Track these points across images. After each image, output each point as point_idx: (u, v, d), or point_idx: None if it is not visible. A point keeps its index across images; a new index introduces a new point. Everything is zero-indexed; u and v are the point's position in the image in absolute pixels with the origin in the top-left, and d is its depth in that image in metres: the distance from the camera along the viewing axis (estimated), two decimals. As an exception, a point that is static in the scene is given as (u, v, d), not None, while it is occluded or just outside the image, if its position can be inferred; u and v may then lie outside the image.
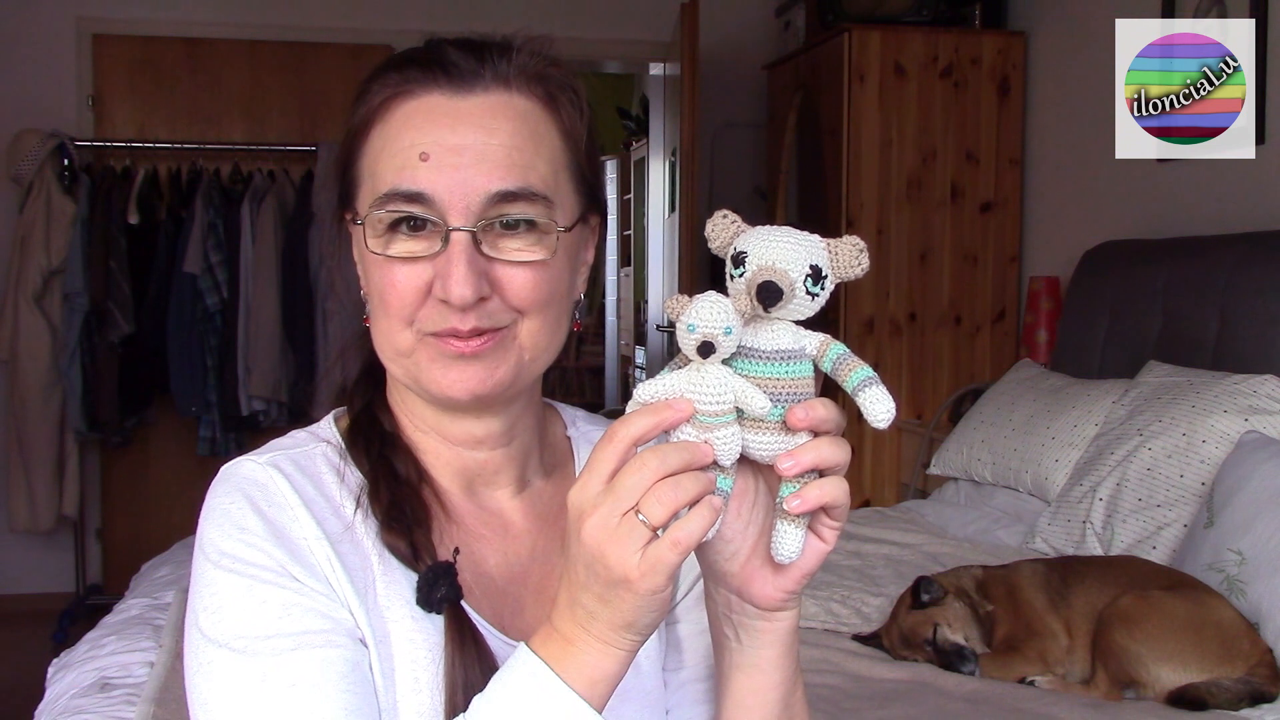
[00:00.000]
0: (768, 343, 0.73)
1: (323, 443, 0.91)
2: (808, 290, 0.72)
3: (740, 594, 0.80)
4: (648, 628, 0.73)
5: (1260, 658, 1.93)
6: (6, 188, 4.55)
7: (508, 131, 0.85)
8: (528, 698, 0.74)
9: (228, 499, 0.85)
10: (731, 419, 0.72)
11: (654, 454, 0.70)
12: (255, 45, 4.83)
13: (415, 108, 0.86)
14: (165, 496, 4.70)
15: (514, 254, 0.85)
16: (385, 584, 0.86)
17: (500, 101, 0.86)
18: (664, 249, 5.53)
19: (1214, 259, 2.87)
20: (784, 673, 0.84)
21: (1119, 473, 2.62)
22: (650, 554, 0.69)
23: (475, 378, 0.85)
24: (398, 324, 0.86)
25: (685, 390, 0.72)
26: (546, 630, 0.76)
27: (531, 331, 0.87)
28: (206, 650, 0.81)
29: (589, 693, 0.74)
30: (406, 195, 0.83)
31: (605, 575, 0.71)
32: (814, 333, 0.75)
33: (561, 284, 0.88)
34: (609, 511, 0.70)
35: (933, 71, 3.96)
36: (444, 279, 0.83)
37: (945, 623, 2.09)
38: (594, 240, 0.95)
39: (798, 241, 0.73)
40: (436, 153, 0.83)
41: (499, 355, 0.86)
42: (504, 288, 0.85)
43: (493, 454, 0.93)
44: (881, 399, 0.72)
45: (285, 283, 4.57)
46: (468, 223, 0.83)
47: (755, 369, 0.73)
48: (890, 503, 3.73)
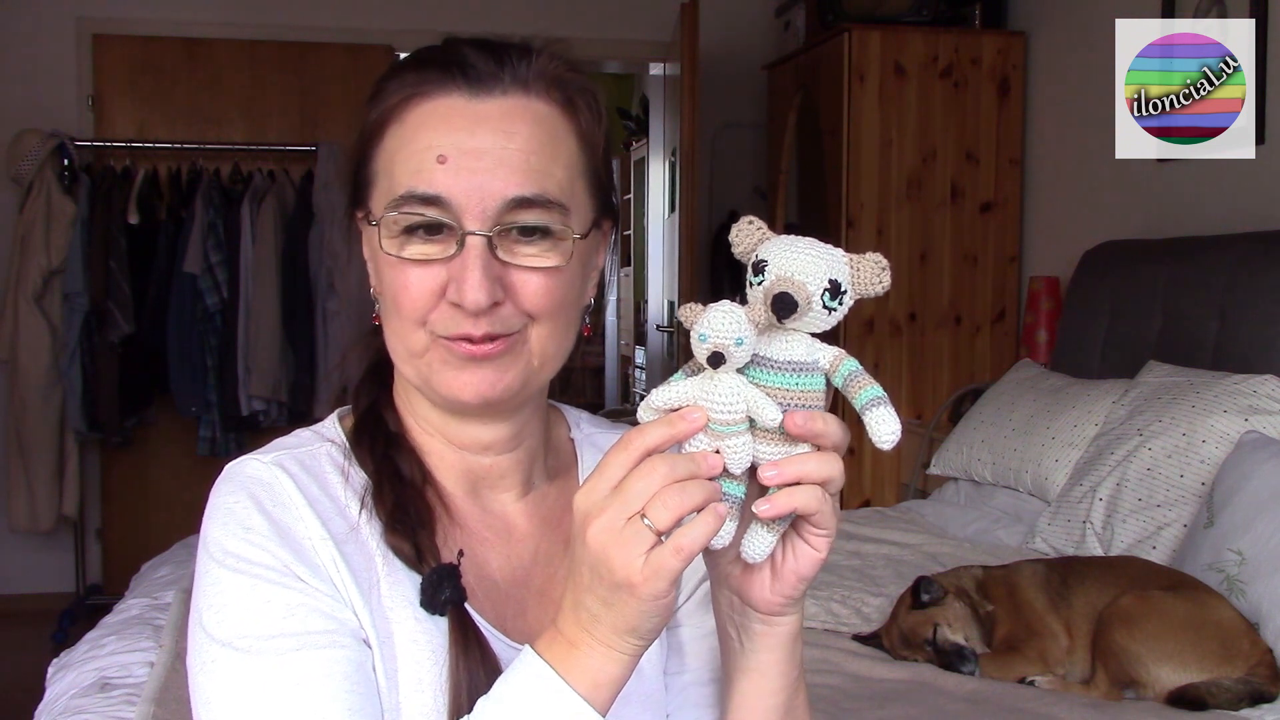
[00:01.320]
0: (781, 353, 0.73)
1: (327, 442, 0.91)
2: (825, 304, 0.72)
3: (741, 597, 0.81)
4: (651, 632, 0.73)
5: (1260, 658, 1.93)
6: (6, 188, 4.55)
7: (525, 135, 0.84)
8: (533, 700, 0.74)
9: (232, 498, 0.85)
10: (743, 428, 0.72)
11: (663, 460, 0.71)
12: (255, 45, 4.82)
13: (432, 109, 0.85)
14: (165, 496, 4.70)
15: (529, 260, 0.84)
16: (389, 584, 0.86)
17: (519, 105, 0.85)
18: (664, 249, 5.54)
19: (1214, 259, 2.87)
20: (785, 678, 0.84)
21: (1119, 473, 2.62)
22: (653, 559, 0.70)
23: (485, 381, 0.85)
24: (410, 325, 0.85)
25: (698, 398, 0.72)
26: (552, 633, 0.76)
27: (541, 337, 0.87)
28: (210, 649, 0.81)
29: (593, 696, 0.74)
30: (423, 198, 0.83)
31: (609, 579, 0.71)
32: (829, 346, 0.74)
33: (573, 290, 0.88)
34: (615, 515, 0.70)
35: (933, 71, 3.96)
36: (459, 283, 0.82)
37: (945, 623, 2.09)
38: (606, 245, 0.95)
39: (819, 254, 0.72)
40: (454, 156, 0.83)
41: (509, 360, 0.86)
42: (517, 293, 0.84)
43: (499, 459, 0.93)
44: (888, 420, 0.72)
45: (285, 283, 4.57)
46: (483, 227, 0.83)
47: (767, 378, 0.73)
48: (890, 503, 3.73)
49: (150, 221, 4.57)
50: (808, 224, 4.46)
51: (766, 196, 4.81)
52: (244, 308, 4.55)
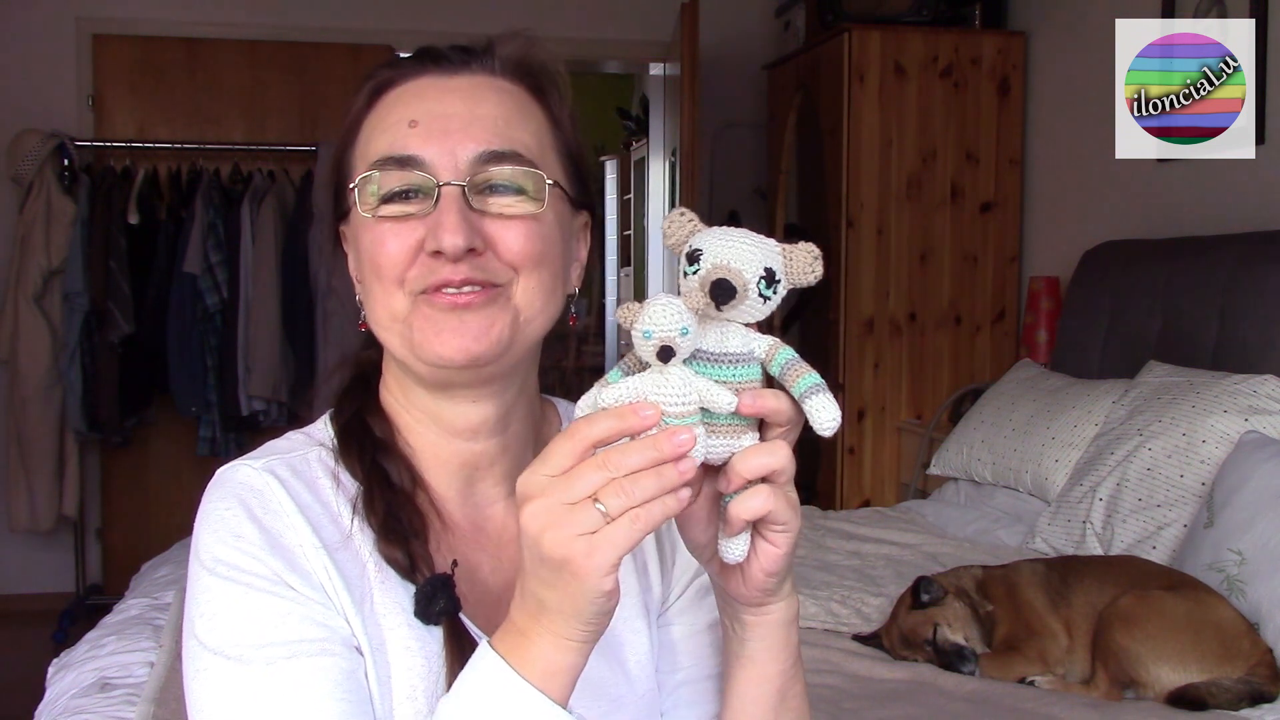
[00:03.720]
0: (716, 345, 0.73)
1: (318, 445, 0.91)
2: (760, 293, 0.72)
3: (726, 590, 0.82)
4: (594, 618, 0.72)
5: (1260, 658, 1.93)
6: (6, 188, 4.55)
7: (494, 103, 0.87)
8: (487, 692, 0.74)
9: (223, 505, 0.84)
10: (696, 420, 0.71)
11: (619, 452, 0.70)
12: (255, 45, 4.82)
13: (404, 90, 0.88)
14: (165, 496, 4.70)
15: (504, 209, 0.85)
16: (381, 592, 0.85)
17: (486, 81, 0.89)
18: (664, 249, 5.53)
19: (1214, 259, 2.87)
20: (779, 665, 0.84)
21: (1119, 473, 2.62)
22: (599, 536, 0.69)
23: (470, 334, 0.84)
24: (391, 287, 0.85)
25: (650, 393, 0.71)
26: (506, 625, 0.75)
27: (527, 290, 0.86)
28: (202, 657, 0.81)
29: (545, 684, 0.73)
30: (398, 159, 0.84)
31: (546, 559, 0.70)
32: (764, 335, 0.74)
33: (554, 245, 0.88)
34: (554, 500, 0.69)
35: (933, 71, 3.96)
36: (435, 231, 0.83)
37: (945, 623, 2.09)
38: (585, 238, 0.96)
39: (753, 243, 0.73)
40: (425, 120, 0.85)
41: (493, 312, 0.85)
42: (496, 243, 0.85)
43: (488, 444, 0.92)
44: (827, 406, 0.71)
45: (285, 283, 4.57)
46: (457, 179, 0.84)
47: (705, 371, 0.73)
48: (890, 503, 3.73)
49: (150, 221, 4.57)
50: (808, 224, 4.46)
51: (766, 196, 4.81)
52: (244, 308, 4.55)
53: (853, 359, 3.96)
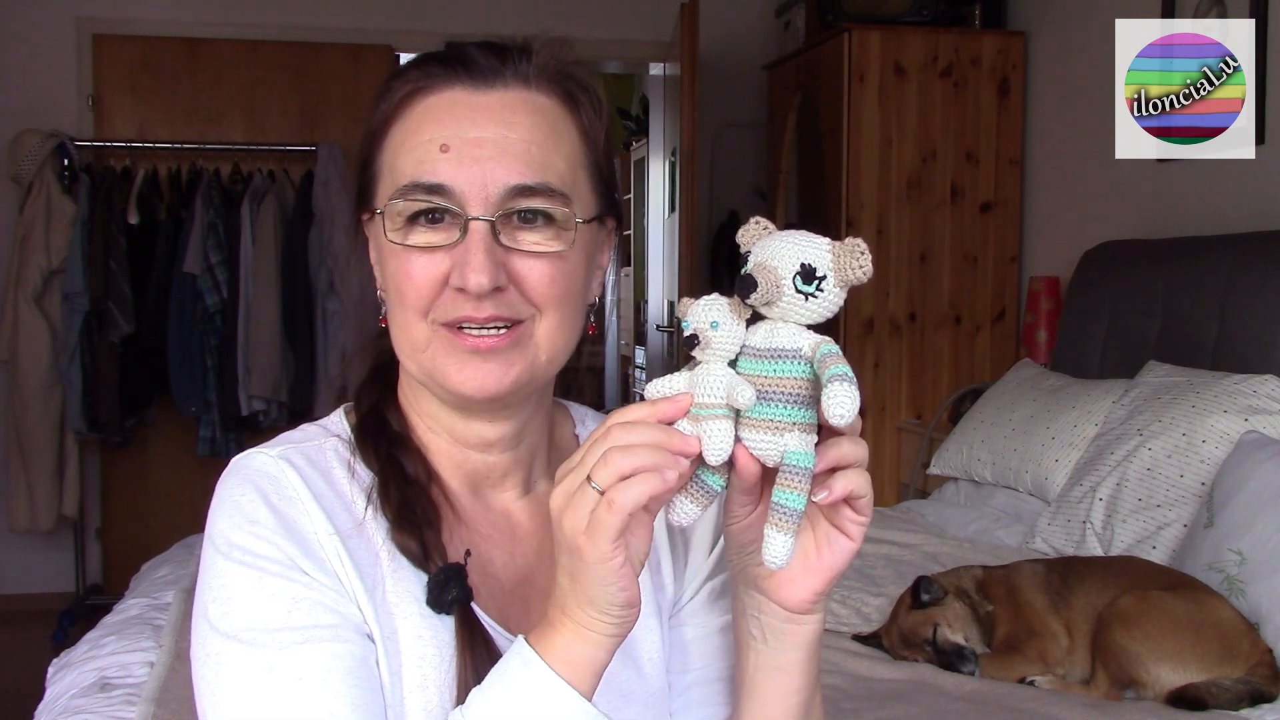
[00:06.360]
0: (763, 341, 0.74)
1: (333, 437, 0.91)
2: (798, 289, 0.72)
3: (770, 596, 0.81)
4: (610, 606, 0.74)
5: (1260, 658, 1.93)
6: (6, 188, 4.55)
7: (527, 126, 0.85)
8: (515, 681, 0.76)
9: (239, 490, 0.85)
10: (723, 413, 0.73)
11: (620, 426, 0.72)
12: (255, 45, 4.82)
13: (435, 102, 0.86)
14: (165, 496, 4.70)
15: (532, 245, 0.85)
16: (394, 581, 0.86)
17: (520, 97, 0.87)
18: (664, 249, 5.53)
19: (1214, 259, 2.87)
20: (808, 676, 0.86)
21: (1119, 473, 2.62)
22: (592, 517, 0.71)
23: (491, 375, 0.85)
24: (414, 316, 0.85)
25: (685, 386, 0.75)
26: (541, 619, 0.78)
27: (549, 330, 0.86)
28: (214, 641, 0.81)
29: (570, 675, 0.74)
30: (427, 187, 0.84)
31: (565, 544, 0.72)
32: (813, 334, 0.75)
33: (578, 281, 0.88)
34: (570, 481, 0.73)
35: (932, 71, 3.96)
36: (461, 267, 0.83)
37: (945, 623, 2.09)
38: (610, 244, 0.96)
39: (796, 241, 0.73)
40: (456, 145, 0.84)
41: (515, 354, 0.86)
42: (522, 280, 0.85)
43: (501, 457, 0.93)
44: (845, 396, 0.69)
45: (285, 283, 4.57)
46: (486, 213, 0.83)
47: (750, 366, 0.75)
48: (890, 503, 3.72)
49: (150, 221, 4.57)
50: (808, 224, 4.46)
51: (766, 196, 4.81)
52: (244, 308, 4.55)
53: (853, 359, 3.88)
